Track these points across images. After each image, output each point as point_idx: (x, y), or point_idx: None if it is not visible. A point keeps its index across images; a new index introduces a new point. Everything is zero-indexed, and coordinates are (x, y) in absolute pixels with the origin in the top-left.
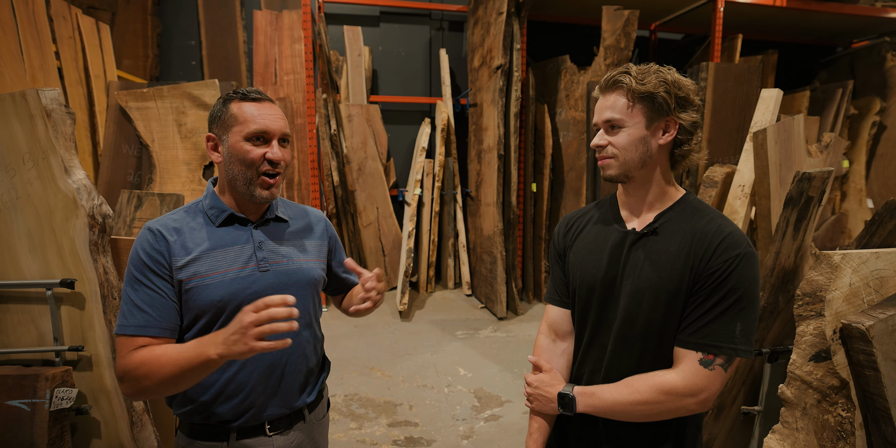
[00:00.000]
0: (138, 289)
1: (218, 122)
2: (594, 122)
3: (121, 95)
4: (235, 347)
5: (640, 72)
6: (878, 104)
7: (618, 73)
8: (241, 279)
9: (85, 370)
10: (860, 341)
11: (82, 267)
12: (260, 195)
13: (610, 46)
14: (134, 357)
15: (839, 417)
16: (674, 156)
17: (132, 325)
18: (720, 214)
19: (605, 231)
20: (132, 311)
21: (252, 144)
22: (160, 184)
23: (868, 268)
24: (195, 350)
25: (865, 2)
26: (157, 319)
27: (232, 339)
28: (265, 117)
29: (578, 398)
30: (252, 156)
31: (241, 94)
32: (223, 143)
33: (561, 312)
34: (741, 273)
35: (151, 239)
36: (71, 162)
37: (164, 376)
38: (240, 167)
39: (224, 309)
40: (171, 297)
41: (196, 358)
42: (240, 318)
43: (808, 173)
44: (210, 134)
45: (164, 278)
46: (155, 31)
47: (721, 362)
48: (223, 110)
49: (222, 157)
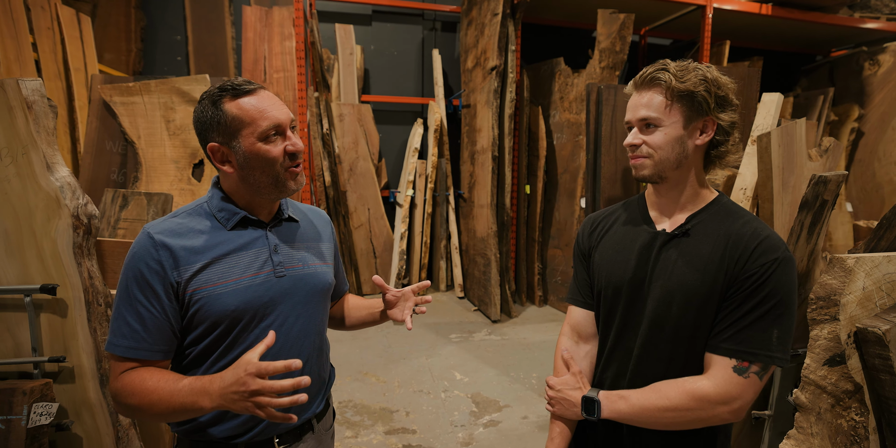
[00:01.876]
0: (131, 305)
1: (217, 129)
2: (627, 120)
3: (105, 89)
4: (234, 406)
5: (680, 69)
6: (857, 111)
7: (655, 70)
8: (256, 286)
9: (66, 382)
10: (876, 345)
11: (65, 271)
12: (290, 187)
13: (605, 49)
14: (125, 383)
15: (853, 422)
16: (709, 156)
17: (122, 345)
18: (755, 217)
19: (634, 232)
20: (122, 330)
21: (269, 143)
22: (146, 182)
23: (880, 271)
24: (189, 397)
25: (844, 12)
26: (148, 341)
27: (231, 398)
28: (271, 109)
29: (604, 403)
30: (273, 155)
31: (231, 90)
32: (234, 150)
33: (584, 314)
34: (779, 278)
35: (151, 248)
36: (53, 158)
37: (155, 413)
38: (261, 171)
39: (240, 319)
40: (168, 317)
41: (190, 405)
42: (242, 379)
43: (823, 176)
44: (213, 144)
45: (161, 295)
46: (139, 25)
47: (756, 370)
48: (219, 114)
49: (235, 165)
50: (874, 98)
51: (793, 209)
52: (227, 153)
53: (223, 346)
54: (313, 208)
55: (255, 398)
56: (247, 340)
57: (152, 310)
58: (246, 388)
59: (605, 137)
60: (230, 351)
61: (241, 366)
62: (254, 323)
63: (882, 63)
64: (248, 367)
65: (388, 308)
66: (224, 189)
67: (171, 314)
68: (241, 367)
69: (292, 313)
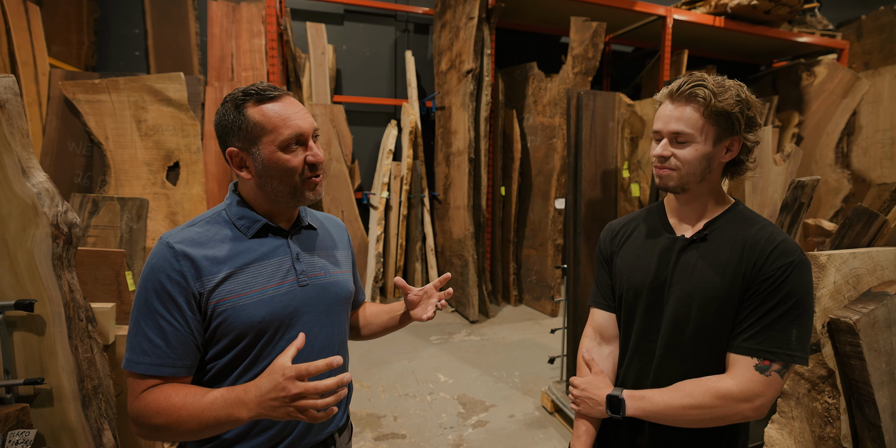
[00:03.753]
0: (152, 319)
1: (238, 133)
2: (656, 130)
3: (67, 86)
4: (274, 413)
5: (718, 86)
6: (797, 117)
7: (694, 84)
8: (280, 296)
9: (44, 406)
10: (847, 334)
11: (42, 285)
12: (308, 198)
13: (578, 56)
14: (147, 402)
15: (826, 404)
16: (727, 170)
17: (143, 362)
18: (770, 223)
19: (654, 237)
20: (142, 346)
21: (289, 152)
22: (116, 186)
23: (848, 267)
24: (224, 409)
25: (785, 27)
26: (171, 357)
27: (270, 405)
28: (295, 118)
29: (628, 401)
30: (292, 165)
31: (255, 94)
32: (253, 157)
33: (607, 316)
34: (796, 280)
35: (171, 259)
36: (29, 162)
37: (185, 430)
38: (279, 180)
39: (265, 331)
40: (192, 330)
41: (225, 418)
42: (281, 384)
43: (801, 181)
44: (232, 149)
45: (183, 307)
46: (91, 17)
47: (778, 369)
48: (241, 118)
49: (253, 172)
50: (811, 106)
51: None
52: (245, 159)
53: (248, 359)
54: (328, 216)
55: (298, 402)
56: (272, 353)
57: (175, 323)
58: (286, 393)
59: (586, 141)
60: (255, 364)
61: (277, 371)
62: (279, 334)
63: (818, 74)
64: (285, 372)
65: (411, 308)
66: (242, 195)
67: (195, 327)
68: (278, 373)
69: (316, 323)
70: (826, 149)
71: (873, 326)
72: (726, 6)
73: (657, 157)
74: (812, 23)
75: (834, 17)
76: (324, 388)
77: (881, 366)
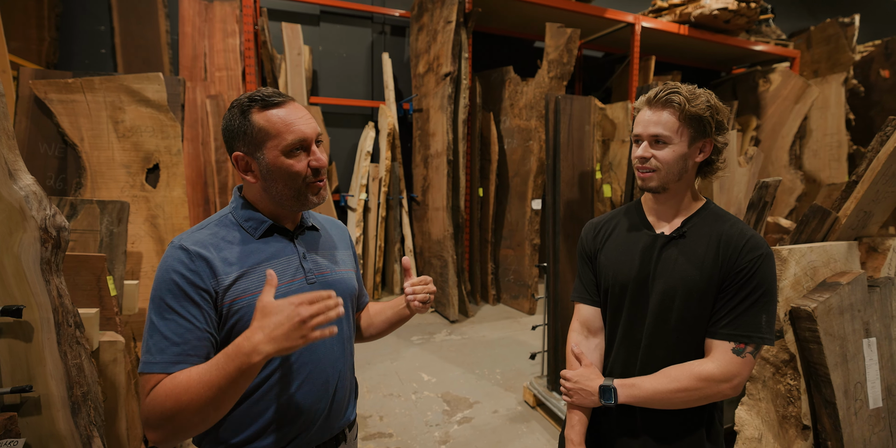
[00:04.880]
0: (169, 317)
1: (243, 138)
2: (637, 134)
3: (38, 85)
4: (287, 344)
5: (690, 93)
6: (755, 122)
7: (669, 91)
8: (292, 293)
9: (32, 414)
10: (806, 321)
11: (30, 290)
12: (312, 201)
13: (553, 61)
14: (157, 391)
15: (788, 386)
16: (701, 170)
17: (161, 361)
18: (739, 220)
19: (635, 235)
20: (160, 345)
21: (293, 157)
22: (92, 189)
23: (806, 260)
24: (232, 362)
25: (743, 36)
26: (189, 353)
27: (284, 335)
28: (298, 123)
29: (620, 390)
30: (296, 169)
31: (260, 100)
32: (258, 161)
33: (592, 310)
34: (764, 271)
35: (186, 259)
36: (16, 164)
37: (200, 406)
38: (283, 184)
39: None
40: (209, 327)
41: (236, 370)
42: (293, 312)
43: (765, 182)
44: (238, 153)
45: (200, 305)
46: (53, 12)
47: (751, 350)
48: (246, 124)
49: (258, 175)
50: (768, 111)
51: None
52: (250, 163)
53: None
54: (329, 218)
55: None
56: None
57: (193, 320)
58: (301, 316)
59: (563, 144)
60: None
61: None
62: None
63: (773, 81)
64: (291, 300)
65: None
66: (248, 198)
67: (212, 324)
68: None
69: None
70: (781, 151)
71: (828, 313)
72: (690, 15)
73: (639, 158)
74: (767, 33)
75: (786, 28)
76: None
77: (836, 349)
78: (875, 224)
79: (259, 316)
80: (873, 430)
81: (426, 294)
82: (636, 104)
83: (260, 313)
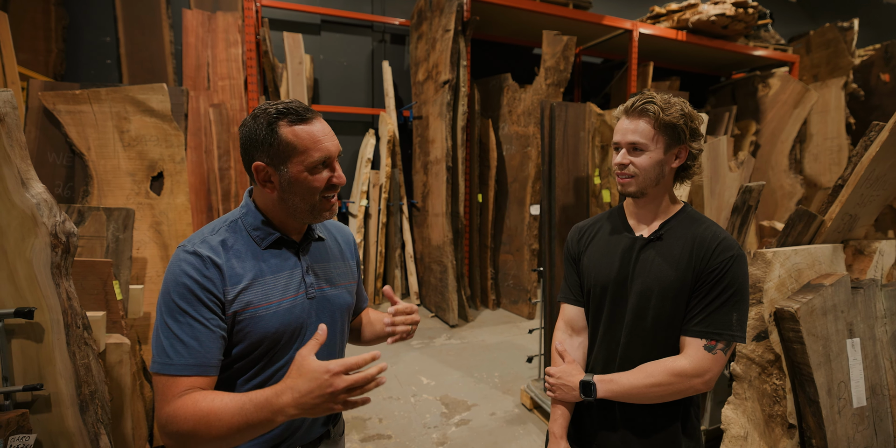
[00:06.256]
0: (182, 320)
1: (268, 150)
2: (616, 142)
3: (46, 96)
4: (314, 411)
5: (665, 102)
6: (754, 126)
7: (645, 101)
8: (294, 307)
9: (42, 412)
10: (790, 321)
11: (41, 293)
12: (325, 217)
13: (550, 68)
14: (178, 407)
15: (774, 385)
16: (678, 175)
17: (178, 363)
18: (714, 223)
19: (616, 238)
20: (176, 347)
21: (316, 173)
22: (99, 197)
23: (790, 262)
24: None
25: (742, 41)
26: (205, 356)
27: (312, 404)
28: (325, 141)
29: (599, 385)
30: (317, 184)
31: (290, 115)
32: (279, 173)
33: (576, 310)
34: (735, 271)
35: (200, 265)
36: (28, 173)
37: (212, 437)
38: (301, 198)
39: (278, 340)
40: (221, 329)
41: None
42: (328, 381)
43: (749, 186)
44: (259, 164)
45: (212, 309)
46: (60, 24)
47: (722, 347)
48: (273, 137)
49: (277, 187)
50: (767, 115)
51: (719, 212)
52: (271, 174)
53: (260, 365)
54: (337, 224)
55: (342, 396)
56: (281, 359)
57: (207, 323)
58: (335, 389)
59: (559, 150)
60: (265, 369)
61: (318, 369)
62: (288, 344)
63: (772, 86)
64: (329, 368)
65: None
66: (259, 205)
67: (222, 328)
68: (320, 371)
69: None
70: (781, 156)
71: (812, 314)
72: (688, 21)
73: (618, 164)
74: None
75: (785, 33)
76: (372, 376)
77: (819, 349)
78: (862, 227)
79: (295, 373)
80: (857, 428)
81: (407, 326)
82: (615, 113)
83: (296, 370)
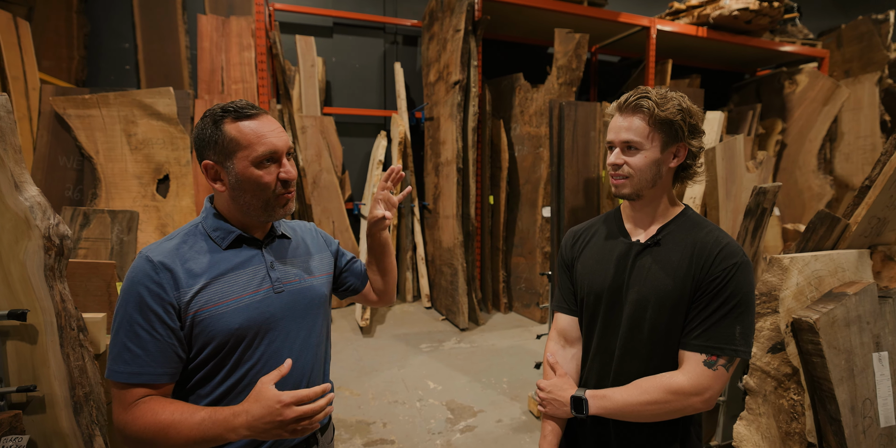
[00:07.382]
0: (132, 329)
1: (214, 147)
2: (609, 140)
3: (57, 101)
4: (265, 435)
5: (660, 97)
6: (780, 125)
7: (639, 97)
8: (256, 303)
9: (36, 413)
10: (809, 333)
11: (35, 295)
12: (279, 214)
13: (562, 67)
14: (137, 418)
15: (791, 401)
16: (678, 176)
17: (125, 371)
18: (717, 227)
19: (611, 243)
20: (123, 356)
21: (262, 168)
22: (106, 199)
23: (810, 269)
24: (212, 429)
25: (767, 37)
26: (151, 365)
27: (263, 429)
28: (270, 136)
29: (591, 401)
30: (265, 180)
31: (233, 111)
32: (227, 170)
33: (569, 320)
34: (738, 280)
35: (151, 271)
36: (22, 176)
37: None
38: (252, 195)
39: (243, 337)
40: (171, 338)
41: (212, 438)
42: (278, 410)
43: (763, 188)
44: (207, 162)
45: (163, 317)
46: (81, 31)
47: (723, 363)
48: (217, 133)
49: (226, 185)
50: (794, 113)
51: (735, 215)
52: (220, 171)
53: (229, 365)
54: (300, 223)
55: (295, 425)
56: (252, 357)
57: (154, 333)
58: (283, 418)
59: (568, 151)
60: (237, 369)
61: (271, 398)
62: (257, 339)
63: (799, 82)
64: (281, 399)
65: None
66: (217, 207)
67: (175, 336)
68: (272, 400)
69: (293, 327)
70: (809, 155)
71: (833, 325)
72: (709, 17)
73: (611, 165)
74: (793, 32)
75: (814, 27)
76: (319, 408)
77: (841, 363)
78: (891, 231)
79: (253, 397)
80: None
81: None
82: (608, 110)
83: (254, 395)
